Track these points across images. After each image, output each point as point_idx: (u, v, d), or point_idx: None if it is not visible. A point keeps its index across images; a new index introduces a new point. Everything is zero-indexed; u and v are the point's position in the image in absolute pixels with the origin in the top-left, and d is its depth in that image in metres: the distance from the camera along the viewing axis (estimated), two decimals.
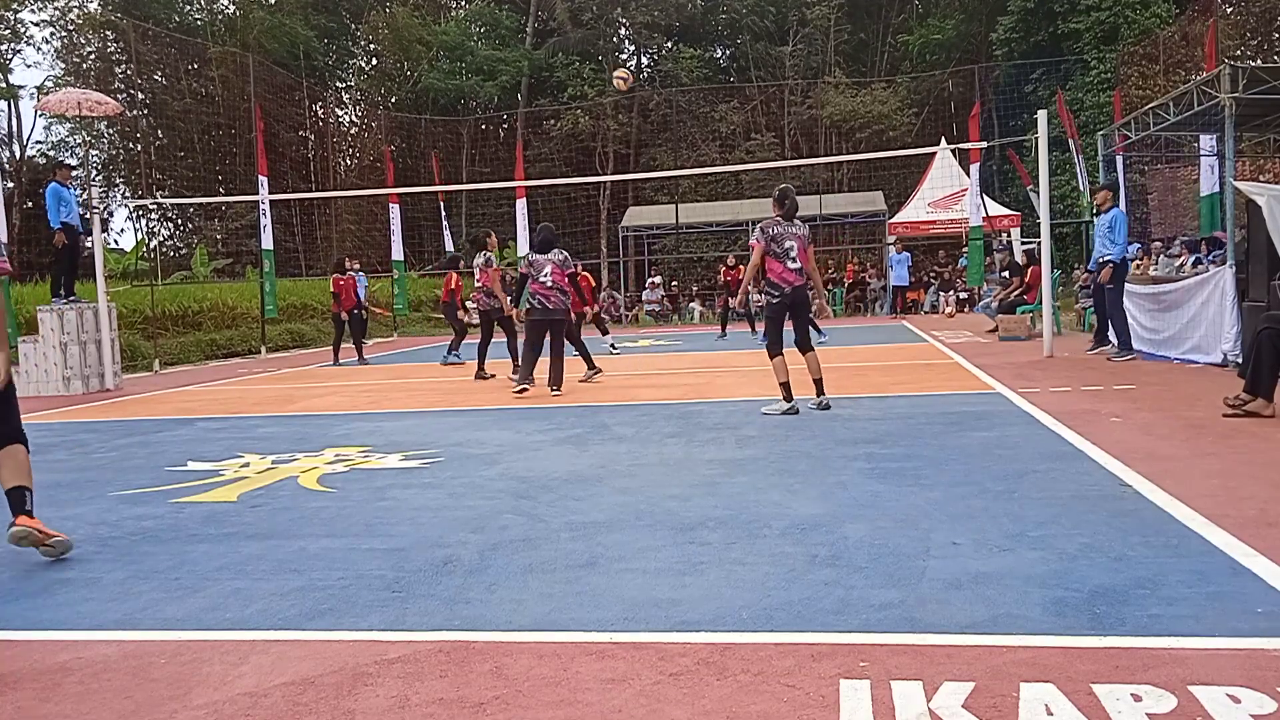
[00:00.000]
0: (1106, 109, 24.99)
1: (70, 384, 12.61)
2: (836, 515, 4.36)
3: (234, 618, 3.37)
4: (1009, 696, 2.46)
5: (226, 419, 9.24)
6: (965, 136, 20.24)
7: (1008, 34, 31.66)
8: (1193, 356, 9.85)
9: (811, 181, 32.43)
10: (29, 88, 35.63)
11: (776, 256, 7.56)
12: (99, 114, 17.10)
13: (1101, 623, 2.91)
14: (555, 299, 9.49)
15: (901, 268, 22.93)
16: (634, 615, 3.18)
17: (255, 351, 19.40)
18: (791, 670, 2.69)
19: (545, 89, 38.91)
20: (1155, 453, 5.46)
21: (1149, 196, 20.92)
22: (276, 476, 6.02)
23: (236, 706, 2.65)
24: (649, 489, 5.14)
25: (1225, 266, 9.45)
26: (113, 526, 4.86)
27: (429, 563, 3.91)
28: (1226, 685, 2.47)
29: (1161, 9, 28.86)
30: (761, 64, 39.66)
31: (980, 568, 3.50)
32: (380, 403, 10.03)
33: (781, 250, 7.54)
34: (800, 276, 7.63)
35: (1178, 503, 4.27)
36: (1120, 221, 10.62)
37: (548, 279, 9.44)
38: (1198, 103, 9.96)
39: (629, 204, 33.38)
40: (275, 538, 4.46)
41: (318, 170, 35.41)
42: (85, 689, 2.81)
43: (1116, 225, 10.59)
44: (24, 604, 3.67)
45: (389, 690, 2.70)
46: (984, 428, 6.59)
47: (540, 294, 9.50)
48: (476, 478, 5.69)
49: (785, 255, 7.54)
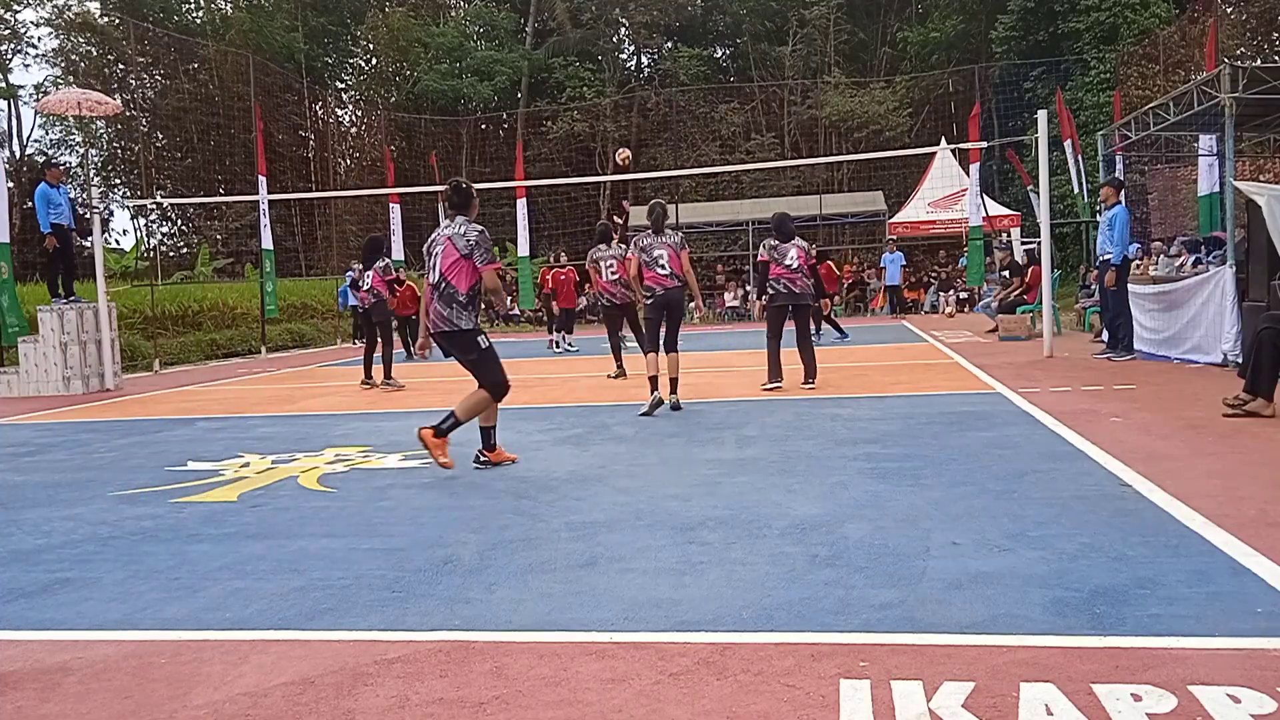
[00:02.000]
0: (1106, 109, 24.99)
1: (70, 384, 12.61)
2: (836, 515, 4.36)
3: (234, 618, 3.37)
4: (1009, 696, 2.46)
5: (226, 419, 9.24)
6: (965, 136, 20.21)
7: (1008, 33, 31.65)
8: (1193, 356, 9.85)
9: (811, 181, 32.42)
10: (28, 88, 35.68)
11: (648, 264, 8.44)
12: (99, 114, 17.10)
13: (1101, 623, 2.91)
14: (800, 282, 9.25)
15: (894, 267, 22.99)
16: (634, 615, 3.18)
17: (255, 351, 19.40)
18: (791, 670, 2.69)
19: (545, 89, 38.91)
20: (1155, 453, 5.46)
21: (1149, 196, 20.90)
22: (277, 476, 6.02)
23: (237, 706, 2.65)
24: (649, 489, 5.14)
25: (1225, 266, 9.45)
26: (113, 526, 4.86)
27: (429, 563, 3.91)
28: (1227, 685, 2.47)
29: (1161, 9, 28.85)
30: (761, 64, 39.66)
31: (980, 568, 3.50)
32: (380, 403, 10.03)
33: (651, 259, 8.41)
34: (672, 280, 8.36)
35: (1178, 503, 4.27)
36: (1120, 220, 10.43)
37: (793, 261, 9.22)
38: (1198, 103, 9.96)
39: (629, 204, 33.34)
40: (275, 538, 4.46)
41: (318, 170, 35.41)
42: (85, 689, 2.82)
43: (1116, 224, 10.41)
44: (24, 604, 3.67)
45: (389, 690, 2.70)
46: (984, 428, 6.59)
47: (785, 278, 9.24)
48: (477, 478, 5.69)
49: (655, 263, 8.39)
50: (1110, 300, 10.92)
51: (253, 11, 36.39)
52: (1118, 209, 10.58)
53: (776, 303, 9.29)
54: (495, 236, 18.07)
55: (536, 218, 23.52)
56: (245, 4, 36.96)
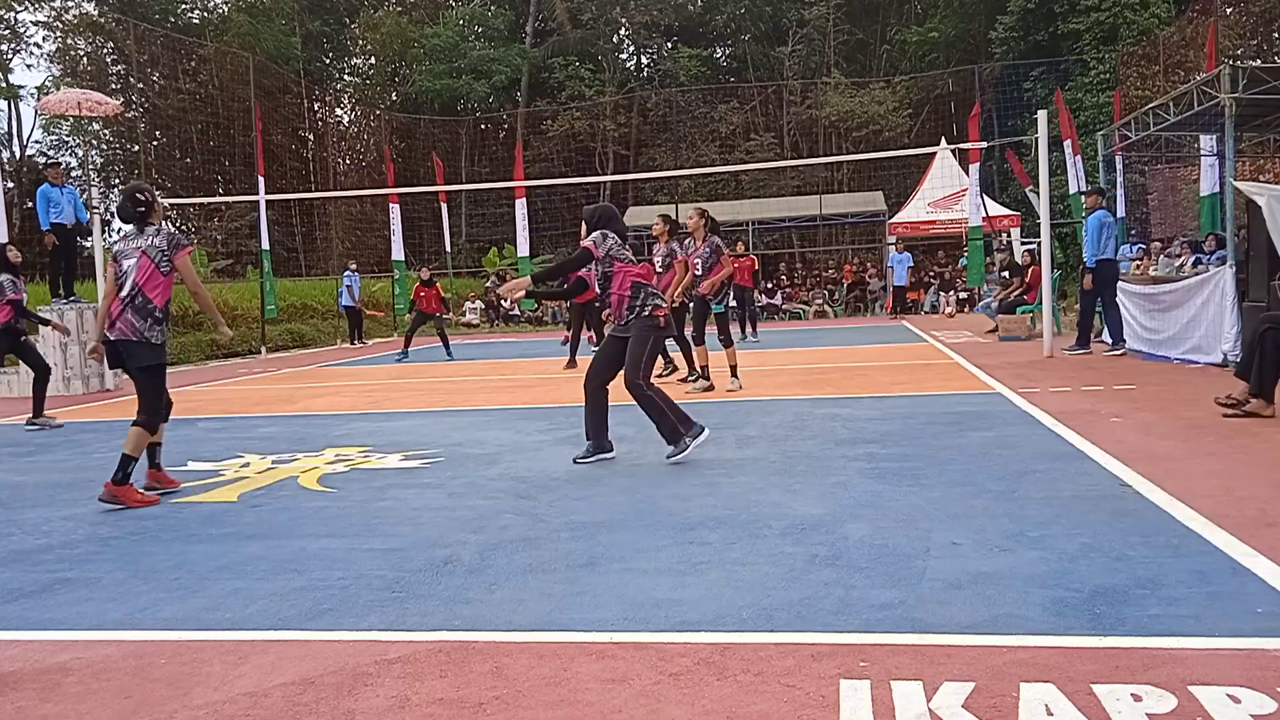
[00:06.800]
0: (1106, 109, 24.99)
1: (70, 384, 12.61)
2: (836, 515, 4.36)
3: (234, 618, 3.37)
4: (1009, 696, 2.46)
5: (227, 419, 9.24)
6: (965, 136, 20.24)
7: (1007, 34, 31.65)
8: (1193, 357, 9.85)
9: (811, 181, 32.43)
10: (29, 88, 35.65)
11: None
12: (99, 114, 17.12)
13: (1101, 623, 2.91)
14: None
15: (901, 268, 22.88)
16: (634, 615, 3.18)
17: (255, 352, 19.40)
18: (791, 670, 2.68)
19: (544, 89, 38.92)
20: (1155, 453, 5.46)
21: (1149, 197, 20.91)
22: (277, 476, 6.02)
23: (236, 706, 2.65)
24: (649, 489, 5.14)
25: (1225, 267, 9.45)
26: (113, 526, 4.86)
27: (429, 563, 3.91)
28: (1226, 685, 2.47)
29: (1161, 9, 28.86)
30: (760, 64, 39.67)
31: (980, 568, 3.50)
32: (380, 403, 10.03)
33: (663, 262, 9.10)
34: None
35: (1178, 503, 4.27)
36: (1093, 225, 11.09)
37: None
38: (1198, 103, 9.96)
39: (629, 204, 33.39)
40: (275, 538, 4.46)
41: (317, 171, 35.40)
42: (86, 689, 2.81)
43: (1090, 228, 11.14)
44: (24, 604, 3.67)
45: (389, 690, 2.70)
46: (984, 428, 6.59)
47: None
48: (476, 478, 5.69)
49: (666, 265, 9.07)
50: (1082, 300, 11.72)
51: (251, 13, 36.35)
52: (1098, 214, 11.20)
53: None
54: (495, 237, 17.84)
55: (536, 218, 23.48)
56: (243, 4, 36.87)
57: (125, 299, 5.47)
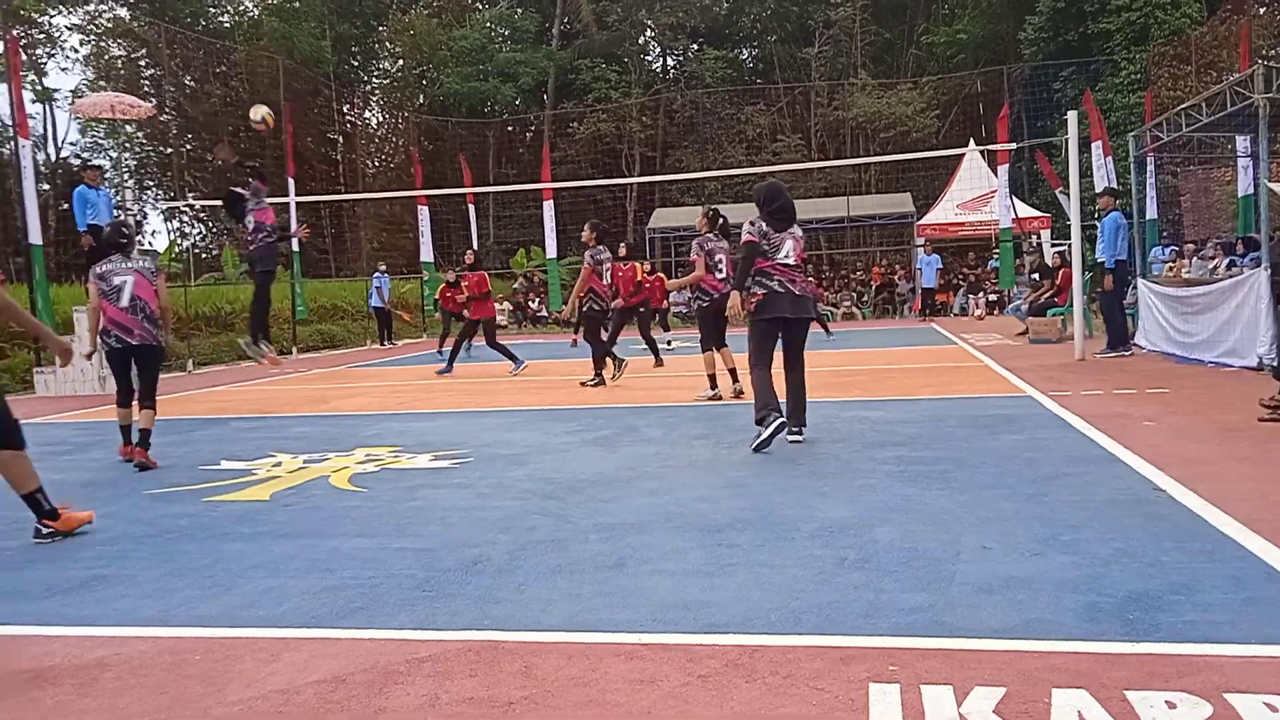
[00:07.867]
0: (1137, 110, 24.71)
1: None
2: (865, 518, 4.35)
3: (267, 615, 3.41)
4: (1040, 702, 2.45)
5: (259, 419, 9.34)
6: (994, 137, 20.07)
7: (1036, 34, 31.40)
8: (1227, 360, 9.72)
9: (838, 183, 32.30)
10: (63, 91, 36.16)
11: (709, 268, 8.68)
12: (132, 116, 17.34)
13: (1135, 629, 2.89)
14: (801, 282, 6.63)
15: (930, 270, 22.71)
16: (662, 617, 3.19)
17: (286, 352, 19.57)
18: (820, 673, 2.68)
19: (571, 92, 39.03)
20: (1189, 457, 5.39)
21: (1182, 198, 20.66)
22: (308, 476, 6.08)
23: (269, 703, 2.68)
24: (677, 490, 5.14)
25: (1260, 269, 9.31)
26: (148, 524, 4.93)
27: (458, 563, 3.94)
28: (1263, 693, 2.44)
29: (1192, 9, 28.53)
30: (787, 65, 39.56)
31: (1011, 572, 3.47)
32: (410, 403, 10.10)
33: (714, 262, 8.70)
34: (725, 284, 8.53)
35: (1212, 507, 4.22)
36: (1109, 226, 11.31)
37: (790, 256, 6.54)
38: (1231, 104, 9.82)
39: (655, 205, 33.40)
40: (307, 537, 4.51)
41: (346, 173, 35.69)
42: (123, 684, 2.86)
43: (1105, 229, 11.33)
44: (62, 600, 3.73)
45: (419, 689, 2.72)
46: (1014, 431, 6.54)
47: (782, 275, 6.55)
48: (505, 478, 5.72)
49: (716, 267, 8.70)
50: (1103, 301, 11.81)
51: (281, 15, 36.70)
52: (1111, 215, 11.39)
53: (766, 314, 6.37)
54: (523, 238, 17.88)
55: (563, 220, 23.53)
56: (274, 6, 37.21)
57: (129, 308, 6.60)
